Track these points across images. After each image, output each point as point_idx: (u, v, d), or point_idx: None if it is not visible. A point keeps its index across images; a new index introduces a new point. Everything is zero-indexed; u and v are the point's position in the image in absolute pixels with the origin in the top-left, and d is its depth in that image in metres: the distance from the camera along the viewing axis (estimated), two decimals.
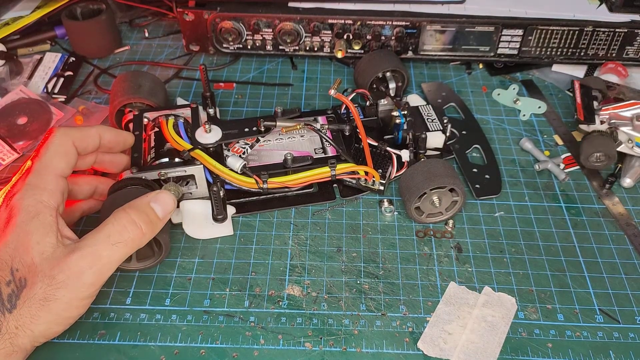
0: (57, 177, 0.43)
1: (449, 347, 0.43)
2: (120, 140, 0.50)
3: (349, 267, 0.49)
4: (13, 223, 0.39)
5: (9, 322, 0.38)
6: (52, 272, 0.38)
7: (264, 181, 0.50)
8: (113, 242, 0.40)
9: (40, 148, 0.44)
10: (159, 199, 0.44)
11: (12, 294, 0.38)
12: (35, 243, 0.39)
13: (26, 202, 0.40)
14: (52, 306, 0.38)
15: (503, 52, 0.66)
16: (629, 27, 0.63)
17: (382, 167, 0.55)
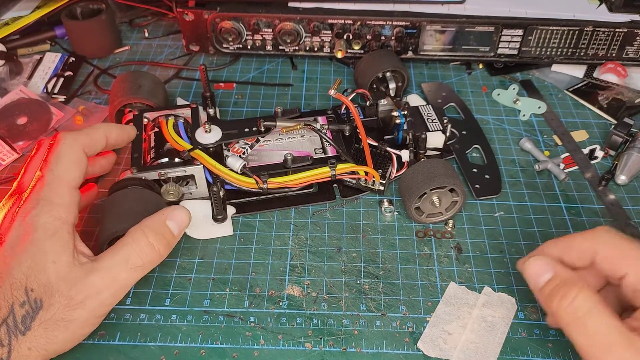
0: (72, 189, 0.42)
1: (448, 347, 0.43)
2: (125, 135, 0.49)
3: (349, 267, 0.49)
4: (28, 241, 0.38)
5: (21, 344, 0.36)
6: (70, 292, 0.37)
7: (264, 181, 0.50)
8: (131, 265, 0.40)
9: (49, 157, 0.42)
10: (175, 217, 0.43)
11: (27, 315, 0.37)
12: (52, 262, 0.38)
13: (43, 220, 0.39)
14: (69, 326, 0.38)
15: (503, 52, 0.66)
16: (628, 27, 0.63)
17: (382, 167, 0.55)
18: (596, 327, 0.34)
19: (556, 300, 0.36)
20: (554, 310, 0.36)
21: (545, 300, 0.37)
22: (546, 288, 0.37)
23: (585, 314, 0.35)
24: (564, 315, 0.36)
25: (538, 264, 0.38)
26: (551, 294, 0.37)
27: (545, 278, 0.38)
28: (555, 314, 0.36)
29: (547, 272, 0.38)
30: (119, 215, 0.45)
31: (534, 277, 0.38)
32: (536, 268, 0.38)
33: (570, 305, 0.35)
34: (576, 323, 0.35)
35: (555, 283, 0.37)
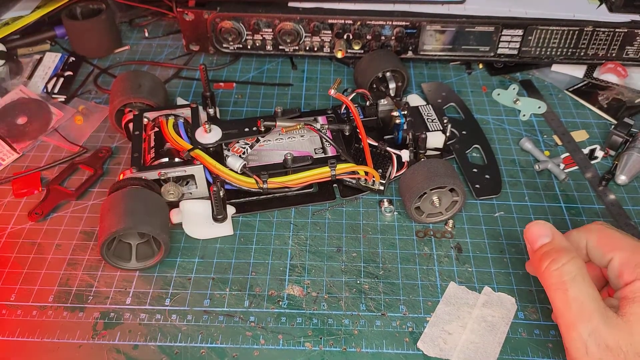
0: None
1: (448, 347, 0.43)
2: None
3: (349, 267, 0.49)
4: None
5: None
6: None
7: (264, 181, 0.50)
8: None
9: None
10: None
11: None
12: None
13: None
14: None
15: (503, 52, 0.66)
16: (628, 27, 0.63)
17: (382, 167, 0.55)
18: (577, 293, 0.36)
19: (546, 262, 0.38)
20: (542, 271, 0.38)
21: (537, 261, 0.39)
22: (541, 249, 0.39)
23: (569, 279, 0.37)
24: (549, 277, 0.38)
25: (539, 227, 0.40)
26: (544, 256, 0.38)
27: (543, 241, 0.39)
28: (542, 275, 0.38)
29: (547, 236, 0.40)
30: (119, 215, 0.45)
31: (534, 238, 0.40)
32: (537, 230, 0.40)
33: (557, 269, 0.37)
34: (559, 286, 0.37)
35: (550, 247, 0.39)
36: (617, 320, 0.36)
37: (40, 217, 0.52)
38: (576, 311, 0.36)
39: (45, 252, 0.50)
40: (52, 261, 0.49)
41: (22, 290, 0.47)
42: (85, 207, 0.54)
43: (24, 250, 0.50)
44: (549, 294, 0.38)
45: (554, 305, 0.38)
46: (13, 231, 0.52)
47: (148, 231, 0.46)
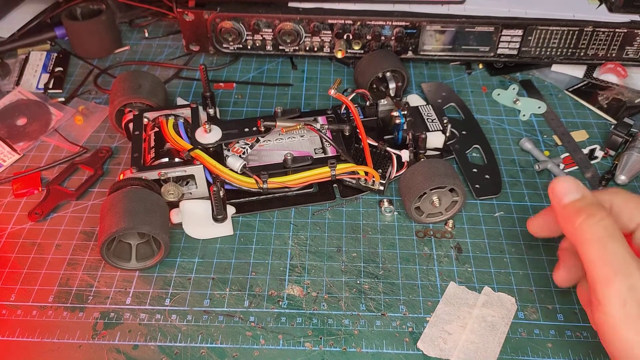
0: None
1: (448, 347, 0.43)
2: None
3: (349, 267, 0.49)
4: None
5: None
6: None
7: (264, 181, 0.50)
8: None
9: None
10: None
11: None
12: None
13: None
14: None
15: (503, 52, 0.66)
16: (628, 28, 0.63)
17: (382, 167, 0.55)
18: (616, 249, 0.35)
19: (581, 217, 0.36)
20: (575, 226, 0.36)
21: (568, 216, 0.37)
22: (573, 205, 0.37)
23: (608, 235, 0.35)
24: (585, 232, 0.36)
25: (569, 182, 0.38)
26: (579, 211, 0.37)
27: (574, 196, 0.38)
28: (575, 230, 0.36)
29: (577, 192, 0.38)
30: (119, 215, 0.45)
31: (563, 192, 0.38)
32: (566, 185, 0.38)
33: (596, 224, 0.36)
34: (598, 241, 0.35)
35: (584, 202, 0.37)
36: None
37: (41, 217, 0.52)
38: (616, 266, 0.35)
39: (45, 252, 0.50)
40: (52, 261, 0.49)
41: (22, 290, 0.47)
42: (85, 207, 0.54)
43: (24, 250, 0.50)
44: (582, 249, 0.36)
45: (588, 260, 0.36)
46: (13, 231, 0.52)
47: (148, 231, 0.46)
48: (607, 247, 0.35)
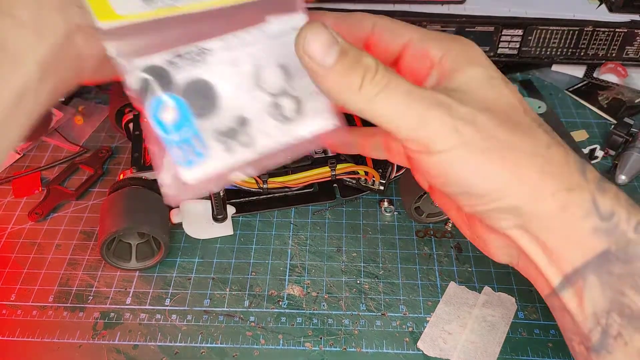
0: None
1: (448, 347, 0.43)
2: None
3: (349, 267, 0.49)
4: None
5: None
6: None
7: (264, 181, 0.50)
8: None
9: None
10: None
11: None
12: None
13: None
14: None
15: (503, 52, 0.66)
16: (628, 27, 0.63)
17: (382, 167, 0.55)
18: (411, 88, 0.28)
19: (358, 77, 0.27)
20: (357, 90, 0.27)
21: (339, 81, 0.27)
22: (341, 65, 0.27)
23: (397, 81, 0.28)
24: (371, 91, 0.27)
25: (321, 35, 0.26)
26: (349, 71, 0.27)
27: (335, 53, 0.27)
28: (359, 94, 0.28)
29: (335, 44, 0.27)
30: (119, 215, 0.45)
31: (319, 53, 0.26)
32: (319, 40, 0.26)
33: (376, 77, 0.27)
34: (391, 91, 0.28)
35: (351, 56, 0.27)
36: (459, 95, 0.29)
37: (41, 217, 0.52)
38: (422, 102, 0.28)
39: (45, 252, 0.50)
40: (52, 261, 0.49)
41: (22, 290, 0.47)
42: (86, 207, 0.54)
43: (24, 250, 0.50)
44: (373, 113, 0.28)
45: (385, 117, 0.28)
46: (13, 231, 0.52)
47: (148, 231, 0.46)
48: (399, 89, 0.28)
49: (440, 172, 0.29)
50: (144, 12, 0.26)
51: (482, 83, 0.30)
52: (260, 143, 0.28)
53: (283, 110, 0.29)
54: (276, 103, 0.29)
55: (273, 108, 0.29)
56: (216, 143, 0.27)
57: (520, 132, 0.30)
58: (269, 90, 0.29)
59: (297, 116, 0.29)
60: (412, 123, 0.28)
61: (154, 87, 0.26)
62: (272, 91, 0.29)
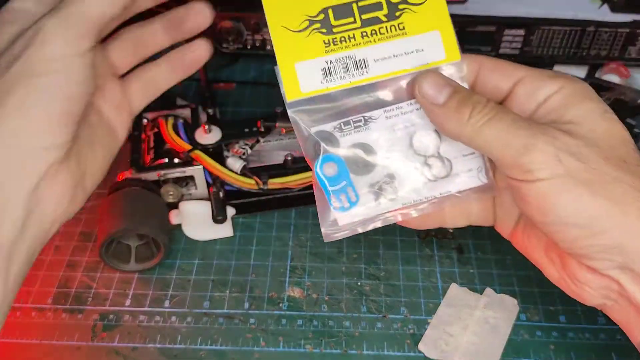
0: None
1: (450, 349, 0.43)
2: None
3: (350, 268, 0.48)
4: None
5: None
6: None
7: (264, 182, 0.50)
8: None
9: None
10: None
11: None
12: None
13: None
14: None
15: (505, 52, 0.66)
16: (631, 27, 0.63)
17: None
18: (514, 117, 0.31)
19: (467, 111, 0.31)
20: (465, 122, 0.31)
21: (450, 116, 0.32)
22: (452, 102, 0.32)
23: (501, 111, 0.31)
24: (479, 122, 0.31)
25: (435, 79, 0.33)
26: (459, 107, 0.32)
27: (447, 93, 0.32)
28: (467, 126, 0.31)
29: (447, 86, 0.33)
30: (118, 216, 0.45)
31: (433, 93, 0.33)
32: (434, 83, 0.33)
33: (484, 109, 0.31)
34: (495, 121, 0.31)
35: (461, 94, 0.32)
36: (570, 127, 0.31)
37: None
38: (527, 131, 0.30)
39: (43, 254, 0.50)
40: (51, 263, 0.49)
41: (20, 291, 0.46)
42: (84, 208, 0.53)
43: None
44: (483, 139, 0.31)
45: (490, 144, 0.31)
46: None
47: (147, 232, 0.45)
48: (505, 119, 0.31)
49: (540, 201, 0.30)
50: (322, 89, 0.33)
51: (596, 117, 0.31)
52: (406, 196, 0.35)
53: (432, 170, 0.35)
54: (427, 163, 0.35)
55: (423, 167, 0.35)
56: (367, 194, 0.34)
57: (626, 168, 0.30)
58: (421, 152, 0.34)
59: (445, 176, 0.35)
60: (515, 150, 0.30)
61: (322, 148, 0.34)
62: (424, 153, 0.35)
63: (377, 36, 0.34)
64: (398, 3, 0.34)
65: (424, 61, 0.34)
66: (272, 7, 0.33)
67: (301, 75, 0.33)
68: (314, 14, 0.33)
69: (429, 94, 0.32)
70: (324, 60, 0.33)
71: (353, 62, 0.33)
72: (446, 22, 0.34)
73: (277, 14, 0.33)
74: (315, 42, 0.33)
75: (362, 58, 0.33)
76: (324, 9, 0.33)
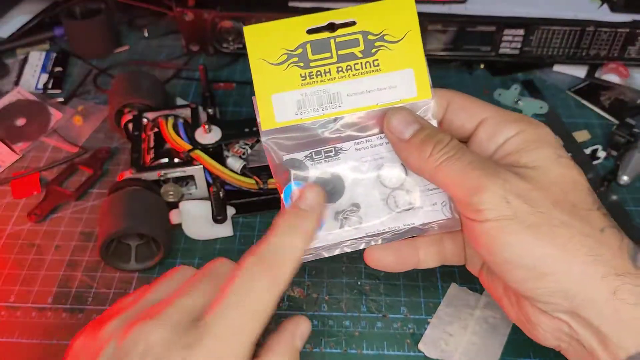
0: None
1: (450, 348, 0.43)
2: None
3: (350, 268, 0.48)
4: None
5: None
6: None
7: (264, 181, 0.50)
8: None
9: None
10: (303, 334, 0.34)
11: None
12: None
13: None
14: None
15: (504, 52, 0.66)
16: (630, 27, 0.63)
17: None
18: (472, 158, 0.32)
19: (429, 148, 0.33)
20: (427, 158, 0.33)
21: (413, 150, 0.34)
22: (417, 137, 0.33)
23: (459, 150, 0.32)
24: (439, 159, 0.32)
25: (404, 116, 0.34)
26: (423, 142, 0.33)
27: (415, 128, 0.34)
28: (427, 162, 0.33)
29: (415, 123, 0.34)
30: (118, 216, 0.45)
31: (403, 126, 0.34)
32: (402, 119, 0.34)
33: (444, 147, 0.33)
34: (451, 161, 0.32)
35: (426, 132, 0.34)
36: (524, 171, 0.32)
37: (40, 218, 0.52)
38: (481, 172, 0.31)
39: (44, 253, 0.50)
40: (52, 262, 0.49)
41: (21, 291, 0.47)
42: (85, 208, 0.54)
43: (23, 251, 0.50)
44: (440, 175, 0.33)
45: (449, 181, 0.32)
46: (12, 232, 0.51)
47: (147, 232, 0.45)
48: (461, 159, 0.32)
49: (488, 241, 0.31)
50: (295, 120, 0.35)
51: (550, 162, 0.32)
52: (370, 225, 0.36)
53: (397, 202, 0.36)
54: (392, 195, 0.36)
55: (388, 199, 0.36)
56: (332, 221, 0.35)
57: (575, 212, 0.31)
58: (387, 184, 0.36)
59: (409, 208, 0.36)
60: (467, 189, 0.31)
61: (291, 175, 0.35)
62: (389, 185, 0.36)
63: (352, 72, 0.35)
64: (374, 40, 0.34)
65: (396, 97, 0.35)
66: (252, 40, 0.34)
67: (277, 106, 0.34)
68: (293, 48, 0.34)
69: (396, 129, 0.34)
70: (299, 93, 0.34)
71: (327, 96, 0.34)
72: (420, 60, 0.35)
73: (257, 47, 0.34)
74: (292, 75, 0.34)
75: (335, 92, 0.34)
76: (303, 44, 0.34)
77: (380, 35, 0.34)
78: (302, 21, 0.34)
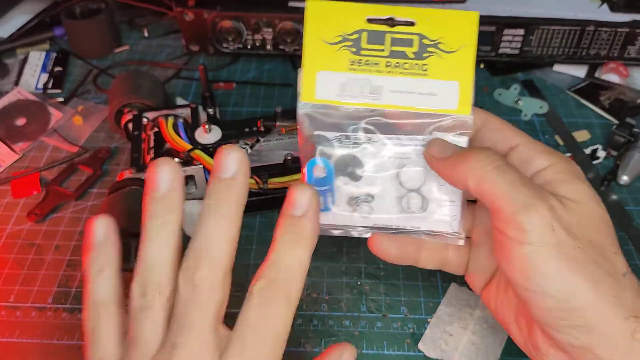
0: None
1: (450, 348, 0.43)
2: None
3: (350, 267, 0.48)
4: None
5: None
6: None
7: (264, 181, 0.50)
8: None
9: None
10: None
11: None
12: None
13: None
14: None
15: (504, 52, 0.66)
16: (630, 27, 0.63)
17: None
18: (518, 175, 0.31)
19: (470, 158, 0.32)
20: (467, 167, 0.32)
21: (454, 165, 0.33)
22: (456, 154, 0.33)
23: (504, 164, 0.32)
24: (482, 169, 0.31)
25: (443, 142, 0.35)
26: (463, 155, 0.33)
27: (452, 148, 0.34)
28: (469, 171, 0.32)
29: (453, 145, 0.35)
30: (118, 216, 0.45)
31: (440, 150, 0.34)
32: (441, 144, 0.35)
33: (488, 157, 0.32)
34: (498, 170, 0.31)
35: (464, 148, 0.34)
36: (565, 202, 0.31)
37: (40, 217, 0.52)
38: (530, 191, 0.30)
39: (44, 253, 0.50)
40: (52, 262, 0.49)
41: (21, 291, 0.47)
42: (85, 207, 0.54)
43: (23, 251, 0.50)
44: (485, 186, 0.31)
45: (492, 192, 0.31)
46: (12, 232, 0.51)
47: None
48: (512, 172, 0.31)
49: (523, 265, 0.30)
50: (334, 100, 0.35)
51: (588, 198, 0.32)
52: (379, 217, 0.37)
53: (410, 204, 0.36)
54: (407, 196, 0.36)
55: (402, 199, 0.36)
56: (344, 204, 0.37)
57: (605, 255, 0.31)
58: (405, 185, 0.36)
59: (419, 212, 0.37)
60: (514, 205, 0.30)
61: (318, 150, 0.36)
62: (407, 186, 0.36)
63: (399, 69, 0.35)
64: (429, 45, 0.35)
65: (436, 106, 0.35)
66: (313, 15, 0.34)
67: (320, 83, 0.35)
68: (350, 32, 0.35)
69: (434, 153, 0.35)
70: (345, 76, 0.35)
71: (370, 86, 0.35)
72: (469, 75, 0.35)
73: (317, 22, 0.35)
74: (342, 57, 0.35)
75: (379, 85, 0.35)
76: (359, 31, 0.35)
77: (436, 42, 0.35)
78: (365, 9, 0.35)
